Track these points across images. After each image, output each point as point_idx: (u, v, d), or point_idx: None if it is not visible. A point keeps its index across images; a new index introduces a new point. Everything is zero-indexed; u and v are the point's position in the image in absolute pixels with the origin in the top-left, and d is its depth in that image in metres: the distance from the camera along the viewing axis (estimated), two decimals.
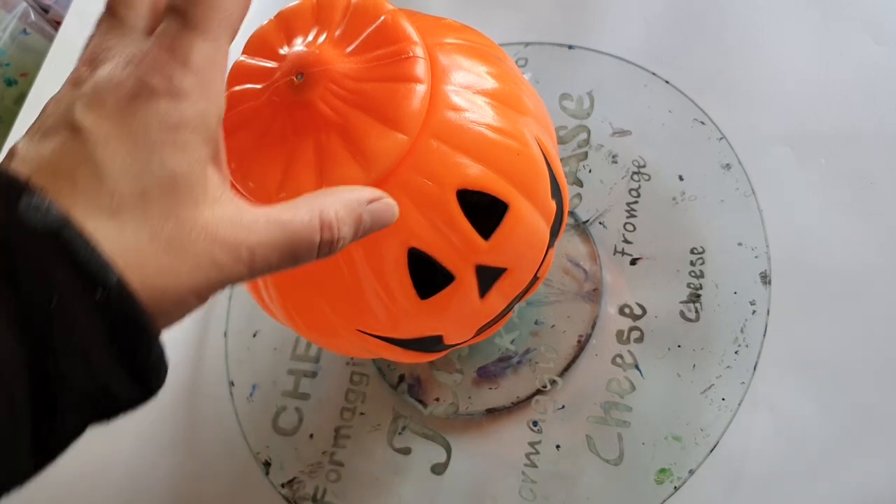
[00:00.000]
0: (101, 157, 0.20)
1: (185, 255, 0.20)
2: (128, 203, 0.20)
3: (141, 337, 0.19)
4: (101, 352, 0.19)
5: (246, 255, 0.21)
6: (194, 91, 0.21)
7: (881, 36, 0.44)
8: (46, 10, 0.72)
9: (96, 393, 0.19)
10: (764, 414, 0.38)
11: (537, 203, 0.31)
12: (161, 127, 0.20)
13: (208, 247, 0.20)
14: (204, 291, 0.21)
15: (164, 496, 0.44)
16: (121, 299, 0.19)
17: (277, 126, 0.28)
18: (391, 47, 0.28)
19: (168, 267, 0.20)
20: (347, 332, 0.32)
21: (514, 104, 0.30)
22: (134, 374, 0.20)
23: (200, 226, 0.20)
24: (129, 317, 0.19)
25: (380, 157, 0.27)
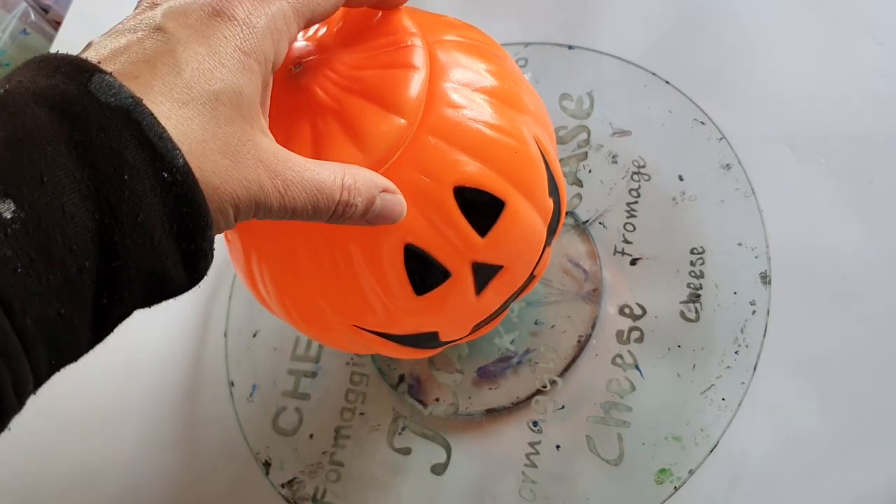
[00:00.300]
0: (181, 54, 0.21)
1: (238, 162, 0.21)
2: (199, 99, 0.21)
3: (198, 221, 0.20)
4: (163, 231, 0.20)
5: (281, 186, 0.22)
6: (266, 32, 0.23)
7: (881, 36, 0.44)
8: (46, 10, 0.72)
9: (152, 271, 0.20)
10: (764, 414, 0.38)
11: (534, 201, 0.31)
12: (236, 46, 0.22)
13: (256, 164, 0.22)
14: (243, 204, 0.22)
15: (164, 496, 0.44)
16: (185, 183, 0.20)
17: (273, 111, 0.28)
18: (389, 38, 0.28)
19: (223, 167, 0.21)
20: (343, 328, 0.32)
21: (512, 102, 0.30)
22: (186, 257, 0.21)
23: (253, 143, 0.22)
24: (190, 201, 0.20)
25: (379, 140, 0.27)
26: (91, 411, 0.47)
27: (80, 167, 0.18)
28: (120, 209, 0.19)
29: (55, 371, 0.19)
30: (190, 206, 0.20)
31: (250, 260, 0.32)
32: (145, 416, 0.46)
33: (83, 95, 0.19)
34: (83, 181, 0.18)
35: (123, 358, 0.48)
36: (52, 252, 0.18)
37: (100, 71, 0.19)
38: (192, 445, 0.45)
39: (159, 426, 0.46)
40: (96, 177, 0.18)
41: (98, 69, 0.19)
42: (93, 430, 0.47)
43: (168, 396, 0.47)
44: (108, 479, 0.45)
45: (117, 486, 0.45)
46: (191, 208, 0.20)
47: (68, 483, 0.45)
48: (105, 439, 0.46)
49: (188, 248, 0.20)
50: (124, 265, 0.19)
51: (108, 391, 0.47)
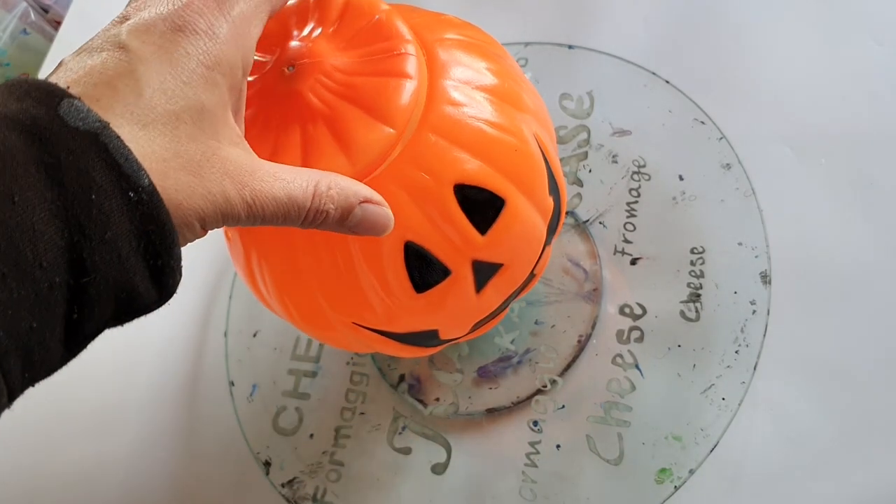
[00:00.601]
0: (143, 73, 0.21)
1: (201, 178, 0.22)
2: (160, 118, 0.21)
3: (165, 239, 0.21)
4: (130, 248, 0.20)
5: (249, 196, 0.23)
6: (229, 40, 0.23)
7: (881, 36, 0.44)
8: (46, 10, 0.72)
9: (121, 286, 0.20)
10: (764, 414, 0.38)
11: (534, 199, 0.31)
12: (198, 61, 0.22)
13: (221, 178, 0.22)
14: (209, 219, 0.22)
15: (164, 496, 0.44)
16: (151, 202, 0.20)
17: (265, 115, 0.28)
18: (383, 44, 0.28)
19: (186, 184, 0.21)
20: (343, 326, 0.32)
21: (512, 101, 0.30)
22: (154, 274, 0.21)
23: (218, 157, 0.22)
24: (156, 219, 0.20)
25: (366, 149, 0.27)
26: (91, 411, 0.47)
27: (49, 187, 0.19)
28: (88, 227, 0.19)
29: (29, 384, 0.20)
30: (156, 224, 0.20)
31: (250, 258, 0.32)
32: (145, 415, 0.46)
33: (53, 120, 0.19)
34: (53, 201, 0.19)
35: (124, 358, 0.48)
36: (23, 267, 0.18)
37: (68, 96, 0.20)
38: (192, 445, 0.45)
39: (159, 426, 0.46)
40: (65, 196, 0.19)
41: (67, 94, 0.20)
42: (93, 429, 0.47)
43: (168, 396, 0.47)
44: (109, 478, 0.45)
45: (118, 486, 0.45)
46: (156, 226, 0.20)
47: (69, 483, 0.45)
48: (105, 439, 0.46)
49: (155, 264, 0.21)
50: (93, 281, 0.20)
51: (109, 391, 0.47)
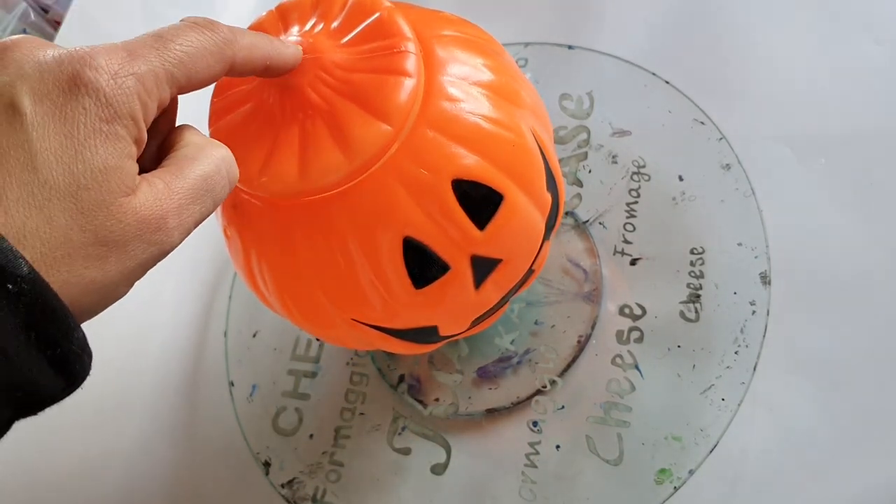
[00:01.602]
0: (37, 143, 0.20)
1: (115, 243, 0.20)
2: (59, 194, 0.20)
3: (59, 326, 0.19)
4: (19, 343, 0.19)
5: (174, 222, 0.22)
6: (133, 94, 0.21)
7: (881, 36, 0.44)
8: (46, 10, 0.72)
9: (19, 386, 0.19)
10: (764, 414, 0.38)
11: (532, 195, 0.31)
12: (98, 118, 0.21)
13: (140, 230, 0.21)
14: (136, 275, 0.21)
15: (164, 496, 0.44)
16: (34, 290, 0.19)
17: (266, 110, 0.28)
18: (384, 41, 0.28)
19: (97, 256, 0.20)
20: (343, 322, 0.32)
21: (510, 96, 0.31)
22: (56, 364, 0.20)
23: (130, 212, 0.21)
24: (45, 306, 0.19)
25: (363, 146, 0.27)
26: (91, 411, 0.47)
27: None
28: None
29: None
30: (43, 313, 0.19)
31: (250, 257, 0.32)
32: (145, 415, 0.46)
33: None
34: None
35: (124, 358, 0.48)
36: None
37: None
38: (192, 445, 0.45)
39: (159, 426, 0.46)
40: None
41: None
42: (93, 429, 0.47)
43: (168, 396, 0.47)
44: (109, 478, 0.45)
45: (118, 486, 0.45)
46: (45, 315, 0.19)
47: (69, 482, 0.45)
48: (105, 439, 0.46)
49: (54, 354, 0.19)
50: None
51: (109, 391, 0.47)
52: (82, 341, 0.20)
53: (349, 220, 0.29)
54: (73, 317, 0.20)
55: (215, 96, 0.30)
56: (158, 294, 0.49)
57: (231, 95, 0.29)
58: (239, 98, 0.29)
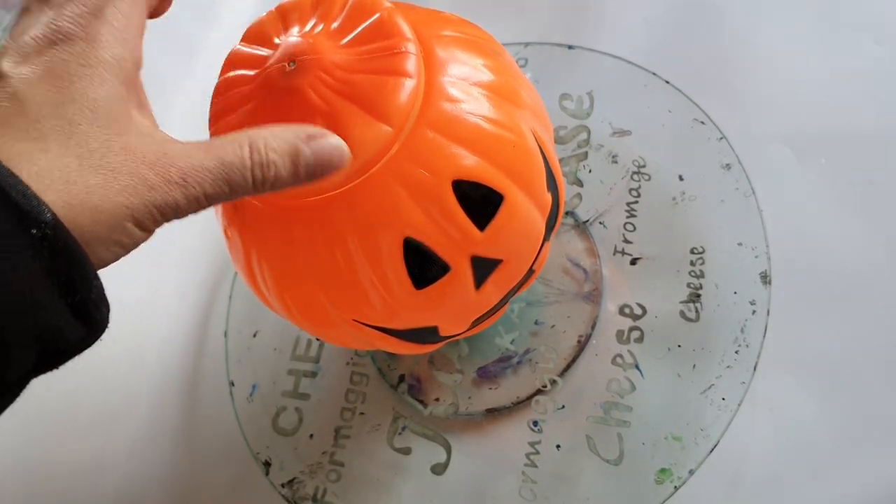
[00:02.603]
0: (24, 93, 0.21)
1: (112, 173, 0.21)
2: (52, 129, 0.21)
3: (80, 272, 0.20)
4: (43, 288, 0.19)
5: (177, 176, 0.22)
6: (109, 38, 0.23)
7: (881, 36, 0.44)
8: None
9: (42, 332, 0.20)
10: (764, 414, 0.38)
11: (533, 195, 0.31)
12: (79, 63, 0.22)
13: (136, 167, 0.21)
14: (139, 212, 0.21)
15: (164, 496, 0.44)
16: (57, 235, 0.19)
17: (266, 111, 0.28)
18: (384, 42, 0.28)
19: (97, 185, 0.20)
20: (343, 323, 0.32)
21: (510, 96, 0.31)
22: (77, 311, 0.20)
23: (126, 148, 0.21)
24: (67, 252, 0.19)
25: (363, 147, 0.27)
26: (91, 411, 0.47)
27: None
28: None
29: None
30: (66, 258, 0.19)
31: (250, 257, 0.32)
32: (145, 416, 0.46)
33: None
34: None
35: (124, 358, 0.48)
36: None
37: None
38: (192, 445, 0.45)
39: (159, 426, 0.46)
40: None
41: None
42: (93, 429, 0.47)
43: (168, 396, 0.47)
44: (109, 478, 0.45)
45: (117, 486, 0.45)
46: (67, 260, 0.19)
47: (68, 482, 0.45)
48: (105, 439, 0.46)
49: (74, 301, 0.20)
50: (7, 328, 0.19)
51: (109, 391, 0.47)
52: (100, 290, 0.21)
53: (350, 220, 0.29)
54: (91, 265, 0.20)
55: (216, 96, 0.30)
56: (158, 294, 0.49)
57: (232, 96, 0.29)
58: (240, 99, 0.29)
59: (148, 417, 0.46)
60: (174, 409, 0.46)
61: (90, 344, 0.21)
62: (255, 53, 0.29)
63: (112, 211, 0.21)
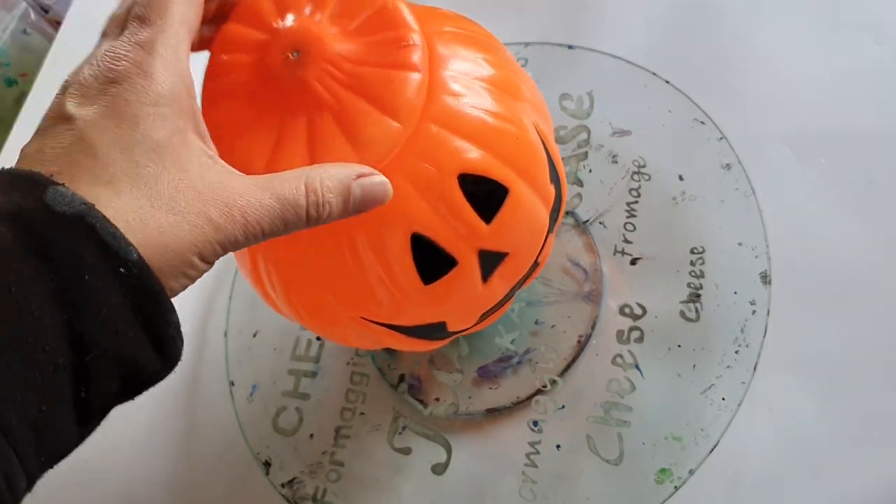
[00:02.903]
0: (92, 137, 0.22)
1: (181, 213, 0.22)
2: (122, 172, 0.22)
3: (159, 308, 0.21)
4: (128, 322, 0.21)
5: (239, 216, 0.23)
6: (163, 72, 0.23)
7: (881, 36, 0.44)
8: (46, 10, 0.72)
9: (123, 360, 0.21)
10: (764, 414, 0.38)
11: (536, 187, 0.31)
12: (139, 102, 0.22)
13: (202, 206, 0.22)
14: (205, 250, 0.22)
15: (164, 496, 0.44)
16: (141, 275, 0.21)
17: (268, 101, 0.27)
18: (390, 33, 0.28)
19: (168, 225, 0.22)
20: (350, 320, 0.32)
21: (511, 90, 0.31)
22: (156, 344, 0.22)
23: (192, 187, 0.23)
24: (148, 290, 0.21)
25: (375, 144, 0.27)
26: None
27: (42, 273, 0.19)
28: (83, 307, 0.20)
29: (47, 467, 0.21)
30: (148, 296, 0.21)
31: (256, 259, 0.32)
32: (145, 415, 0.46)
33: (40, 209, 0.20)
34: (47, 285, 0.19)
35: None
36: (26, 353, 0.19)
37: (53, 183, 0.21)
38: (192, 445, 0.45)
39: (159, 426, 0.46)
40: (58, 280, 0.20)
41: (51, 181, 0.21)
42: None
43: (168, 396, 0.47)
44: (108, 478, 0.45)
45: (117, 486, 0.45)
46: (149, 297, 0.21)
47: (68, 482, 0.45)
48: (105, 439, 0.46)
49: (154, 333, 0.21)
50: (95, 357, 0.20)
51: None
52: (177, 325, 0.22)
53: (357, 217, 0.28)
54: (170, 301, 0.22)
55: (209, 80, 0.28)
56: None
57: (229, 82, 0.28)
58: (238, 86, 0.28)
59: (148, 417, 0.46)
60: (174, 409, 0.46)
61: (167, 374, 0.23)
62: (251, 36, 0.28)
63: (182, 249, 0.22)
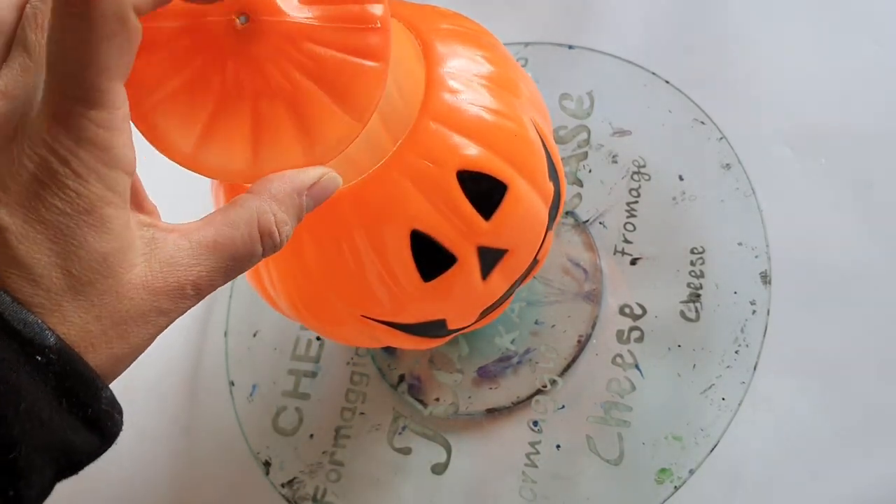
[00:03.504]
0: (25, 256, 0.19)
1: (130, 320, 0.21)
2: (65, 295, 0.20)
3: (88, 389, 0.20)
4: (53, 409, 0.19)
5: (192, 291, 0.22)
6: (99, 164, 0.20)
7: (881, 36, 0.44)
8: None
9: (57, 449, 0.20)
10: (764, 414, 0.38)
11: (535, 184, 0.31)
12: (75, 211, 0.20)
13: (153, 302, 0.21)
14: (155, 336, 0.22)
15: (164, 496, 0.44)
16: (62, 359, 0.19)
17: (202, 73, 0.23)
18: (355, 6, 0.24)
19: (117, 336, 0.21)
20: (352, 319, 0.32)
21: (509, 87, 0.31)
22: (89, 424, 0.20)
23: (140, 287, 0.21)
24: (73, 373, 0.20)
25: (328, 142, 0.24)
26: None
27: None
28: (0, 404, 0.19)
29: None
30: (73, 378, 0.20)
31: None
32: (145, 415, 0.46)
33: None
34: None
35: None
36: None
37: None
38: (192, 445, 0.45)
39: (159, 426, 0.46)
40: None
41: None
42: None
43: (168, 396, 0.47)
44: (108, 478, 0.45)
45: (117, 486, 0.45)
46: (75, 379, 0.20)
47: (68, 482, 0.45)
48: None
49: (85, 415, 0.20)
50: (21, 454, 0.19)
51: None
52: (111, 400, 0.21)
53: (357, 215, 0.29)
54: (100, 378, 0.20)
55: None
56: None
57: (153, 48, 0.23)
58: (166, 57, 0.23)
59: (147, 417, 0.46)
60: (174, 409, 0.46)
61: (105, 450, 0.22)
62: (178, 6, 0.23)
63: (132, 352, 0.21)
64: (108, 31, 0.19)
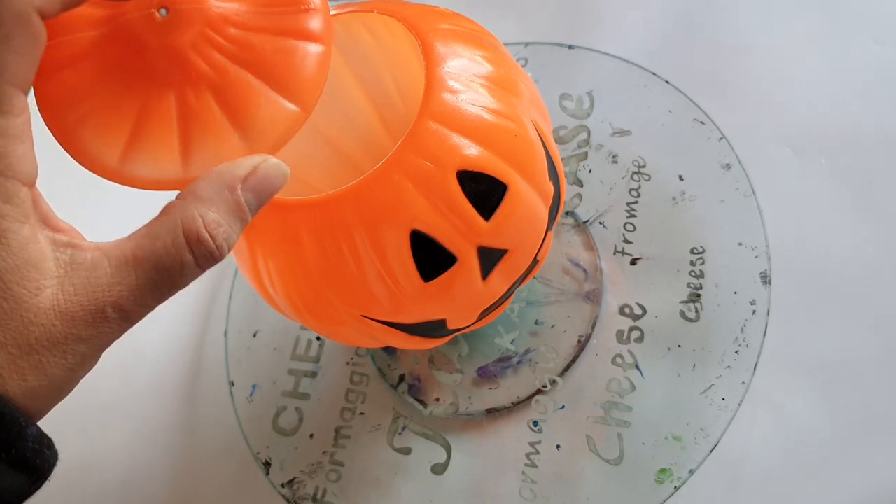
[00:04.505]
0: None
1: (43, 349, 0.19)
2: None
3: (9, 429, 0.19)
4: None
5: (114, 313, 0.20)
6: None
7: (881, 36, 0.44)
8: None
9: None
10: (764, 414, 0.38)
11: (535, 184, 0.31)
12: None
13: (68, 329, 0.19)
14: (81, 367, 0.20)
15: (164, 495, 0.44)
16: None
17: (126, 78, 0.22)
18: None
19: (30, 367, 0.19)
20: (352, 319, 0.32)
21: (509, 87, 0.31)
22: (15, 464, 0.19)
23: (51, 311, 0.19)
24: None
25: (268, 128, 0.22)
26: (91, 410, 0.47)
27: None
28: None
29: None
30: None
31: (256, 258, 0.32)
32: (145, 416, 0.46)
33: None
34: None
35: (123, 358, 0.48)
36: None
37: None
38: (192, 445, 0.45)
39: (159, 426, 0.46)
40: None
41: None
42: (93, 429, 0.47)
43: (168, 396, 0.47)
44: (108, 478, 0.45)
45: (117, 486, 0.45)
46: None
47: (67, 482, 0.45)
48: (105, 438, 0.46)
49: (9, 455, 0.19)
50: None
51: (108, 390, 0.47)
52: (38, 436, 0.19)
53: (357, 215, 0.29)
54: (23, 416, 0.19)
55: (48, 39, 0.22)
56: None
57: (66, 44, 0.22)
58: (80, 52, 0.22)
59: (147, 417, 0.46)
60: (174, 409, 0.46)
61: (37, 488, 0.20)
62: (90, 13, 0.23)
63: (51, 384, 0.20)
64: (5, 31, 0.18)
